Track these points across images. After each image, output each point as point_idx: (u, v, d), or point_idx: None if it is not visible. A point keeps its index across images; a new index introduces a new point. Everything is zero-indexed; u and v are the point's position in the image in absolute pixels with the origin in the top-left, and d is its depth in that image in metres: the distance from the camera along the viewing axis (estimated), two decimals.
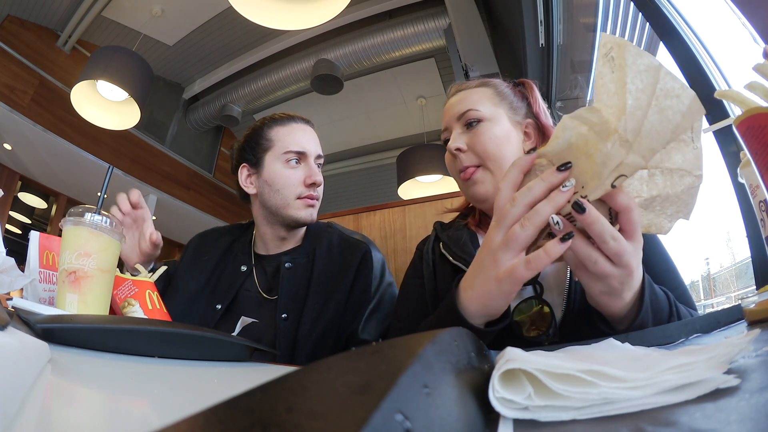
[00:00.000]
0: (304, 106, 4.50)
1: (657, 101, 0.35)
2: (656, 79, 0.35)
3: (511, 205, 0.42)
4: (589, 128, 0.37)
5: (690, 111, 0.36)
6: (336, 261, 0.97)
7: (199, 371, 0.47)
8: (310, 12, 1.65)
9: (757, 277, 0.85)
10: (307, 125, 1.03)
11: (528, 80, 0.83)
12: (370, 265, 0.95)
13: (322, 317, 0.90)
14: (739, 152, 0.48)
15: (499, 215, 0.43)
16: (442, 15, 3.35)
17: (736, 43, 0.89)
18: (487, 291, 0.45)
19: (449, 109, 0.78)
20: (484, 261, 0.45)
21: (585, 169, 0.38)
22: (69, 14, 3.72)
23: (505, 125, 0.74)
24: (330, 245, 1.00)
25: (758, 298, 0.36)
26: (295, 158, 0.96)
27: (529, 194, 0.41)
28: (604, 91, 0.37)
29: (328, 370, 0.14)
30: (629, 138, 0.36)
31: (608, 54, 0.37)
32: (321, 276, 0.94)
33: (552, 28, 2.02)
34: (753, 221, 0.83)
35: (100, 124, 2.87)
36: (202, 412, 0.11)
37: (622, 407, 0.18)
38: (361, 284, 0.94)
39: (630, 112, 0.35)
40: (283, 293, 0.93)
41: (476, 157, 0.72)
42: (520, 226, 0.41)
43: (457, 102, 0.77)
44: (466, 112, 0.74)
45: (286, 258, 0.97)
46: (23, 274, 0.62)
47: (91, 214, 0.67)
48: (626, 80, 0.35)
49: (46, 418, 0.23)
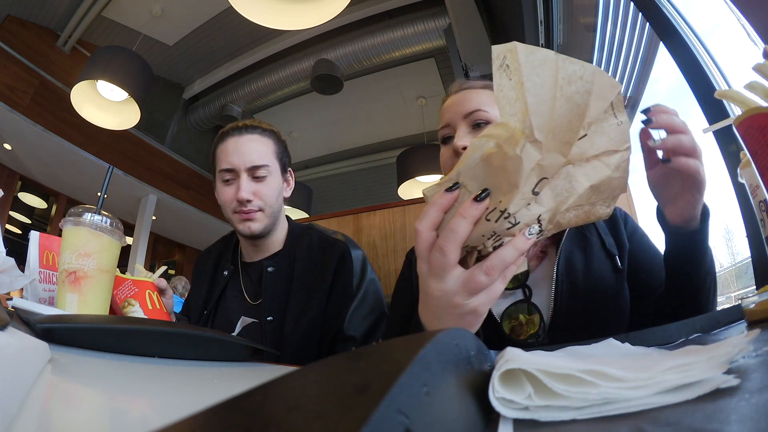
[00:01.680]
0: (304, 106, 4.50)
1: (561, 91, 0.33)
2: (555, 69, 0.33)
3: (441, 254, 0.39)
4: (497, 143, 0.35)
5: (599, 89, 0.34)
6: (316, 261, 0.98)
7: (199, 371, 0.47)
8: (310, 12, 1.65)
9: (757, 277, 0.85)
10: (243, 135, 0.96)
11: None
12: (349, 263, 0.96)
13: (304, 316, 0.92)
14: (739, 152, 0.48)
15: (430, 263, 0.40)
16: (442, 15, 3.35)
17: (736, 43, 0.89)
18: (456, 324, 0.41)
19: (453, 105, 0.75)
20: (443, 308, 0.41)
21: (500, 183, 0.36)
22: (69, 14, 3.72)
23: None
24: (310, 246, 1.01)
25: (758, 298, 0.36)
26: (227, 176, 0.95)
27: (455, 236, 0.38)
28: (506, 103, 0.34)
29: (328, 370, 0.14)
30: (538, 137, 0.33)
31: (502, 64, 0.34)
32: (301, 277, 0.96)
33: (552, 28, 2.02)
34: (753, 221, 0.83)
35: (100, 124, 2.87)
36: (202, 412, 0.11)
37: (622, 407, 0.18)
38: (341, 282, 0.94)
39: (533, 110, 0.33)
40: (266, 297, 0.95)
41: None
42: (441, 253, 0.39)
43: (464, 100, 0.75)
44: (475, 112, 0.72)
45: (268, 263, 0.99)
46: (23, 274, 0.62)
47: (91, 214, 0.67)
48: (523, 80, 0.33)
49: (46, 418, 0.23)
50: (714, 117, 0.95)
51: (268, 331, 0.93)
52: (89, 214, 0.67)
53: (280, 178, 0.98)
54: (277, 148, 0.99)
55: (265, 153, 0.96)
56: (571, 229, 0.70)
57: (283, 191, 1.00)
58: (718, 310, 0.46)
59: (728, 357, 0.20)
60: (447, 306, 0.40)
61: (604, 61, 2.10)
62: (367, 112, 4.71)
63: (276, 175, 0.97)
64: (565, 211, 0.38)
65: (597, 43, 2.09)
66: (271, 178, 0.95)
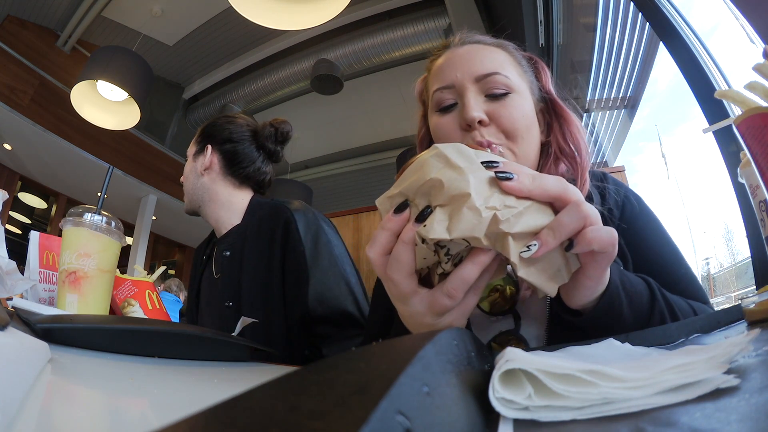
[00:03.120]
0: (304, 106, 4.50)
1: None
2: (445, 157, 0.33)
3: (393, 284, 0.36)
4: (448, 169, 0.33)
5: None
6: (263, 236, 0.89)
7: (199, 371, 0.47)
8: (310, 12, 1.65)
9: (757, 277, 0.85)
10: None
11: (537, 58, 0.66)
12: (295, 231, 0.85)
13: (259, 305, 0.85)
14: (739, 152, 0.48)
15: (389, 290, 0.37)
16: (442, 15, 3.35)
17: (736, 43, 0.89)
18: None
19: (459, 62, 0.57)
20: (415, 327, 0.39)
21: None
22: (69, 14, 3.72)
23: (531, 105, 0.58)
24: (260, 220, 0.93)
25: (758, 298, 0.36)
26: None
27: (400, 266, 0.35)
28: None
29: (328, 370, 0.14)
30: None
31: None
32: (250, 259, 0.89)
33: (552, 28, 2.02)
34: (753, 221, 0.83)
35: (100, 124, 2.87)
36: (202, 412, 0.11)
37: (622, 407, 0.18)
38: (292, 258, 0.84)
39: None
40: (223, 281, 0.93)
41: (502, 134, 0.55)
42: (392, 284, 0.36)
43: (475, 58, 0.57)
44: (492, 75, 0.55)
45: (223, 245, 0.96)
46: (23, 277, 0.62)
47: (91, 215, 0.67)
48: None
49: (46, 418, 0.23)
50: (714, 117, 0.95)
51: (226, 317, 0.87)
52: (89, 214, 0.67)
53: (192, 161, 1.03)
54: (200, 133, 1.05)
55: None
56: None
57: (196, 170, 1.01)
58: (718, 310, 0.45)
59: (728, 357, 0.20)
60: (419, 326, 0.37)
61: (604, 61, 2.10)
62: (367, 112, 4.71)
63: (192, 158, 1.04)
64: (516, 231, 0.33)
65: (597, 43, 2.09)
66: (189, 160, 1.04)
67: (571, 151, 0.60)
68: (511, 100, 0.55)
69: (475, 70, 0.56)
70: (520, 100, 0.56)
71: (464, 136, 0.56)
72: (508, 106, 0.55)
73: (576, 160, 0.59)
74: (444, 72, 0.58)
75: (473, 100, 0.55)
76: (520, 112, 0.55)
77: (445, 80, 0.58)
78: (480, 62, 0.56)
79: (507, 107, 0.55)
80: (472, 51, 0.59)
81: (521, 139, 0.55)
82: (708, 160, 0.52)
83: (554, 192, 0.33)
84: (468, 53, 0.58)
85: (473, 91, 0.55)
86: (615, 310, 0.40)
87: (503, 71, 0.56)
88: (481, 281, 0.35)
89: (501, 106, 0.55)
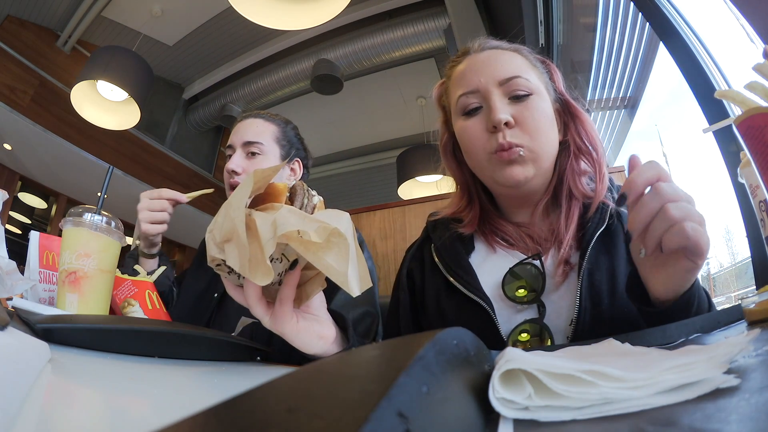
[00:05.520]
0: (304, 106, 4.50)
1: None
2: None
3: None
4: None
5: None
6: None
7: (199, 371, 0.47)
8: (310, 12, 1.65)
9: (757, 277, 0.85)
10: (248, 119, 1.05)
11: (549, 61, 0.70)
12: None
13: None
14: (739, 152, 0.48)
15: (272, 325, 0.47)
16: (442, 15, 3.35)
17: (736, 43, 0.89)
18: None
19: (483, 67, 0.60)
20: None
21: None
22: (69, 14, 3.72)
23: (550, 106, 0.62)
24: None
25: (758, 298, 0.36)
26: (229, 153, 1.04)
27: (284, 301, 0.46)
28: None
29: (328, 370, 0.14)
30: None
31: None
32: None
33: (552, 28, 2.02)
34: (753, 221, 0.83)
35: (100, 124, 2.87)
36: (202, 412, 0.11)
37: (622, 407, 0.18)
38: None
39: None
40: None
41: (525, 135, 0.57)
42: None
43: (497, 62, 0.60)
44: (514, 78, 0.58)
45: None
46: (23, 277, 0.62)
47: (91, 215, 0.67)
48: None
49: (46, 418, 0.23)
50: (714, 117, 0.95)
51: (257, 325, 0.87)
52: (89, 214, 0.67)
53: (277, 161, 1.01)
54: (279, 134, 1.03)
55: (260, 132, 1.01)
56: (600, 231, 0.59)
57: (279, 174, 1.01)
58: (718, 310, 0.45)
59: (728, 357, 0.20)
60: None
61: (604, 61, 2.10)
62: (367, 112, 4.71)
63: (270, 156, 1.00)
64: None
65: (597, 43, 2.09)
66: (263, 157, 0.99)
67: (587, 149, 0.64)
68: (533, 101, 0.59)
69: (498, 74, 0.59)
70: (541, 101, 0.60)
71: (489, 138, 0.59)
72: (530, 108, 0.58)
73: (593, 156, 0.64)
74: (467, 77, 0.61)
75: (499, 102, 0.58)
76: (541, 113, 0.59)
77: (469, 85, 0.60)
78: (502, 66, 0.59)
79: (530, 108, 0.58)
80: (493, 56, 0.62)
81: (544, 138, 0.59)
82: (708, 160, 0.53)
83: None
84: (489, 58, 0.61)
85: (498, 95, 0.58)
86: (690, 307, 0.44)
87: (524, 74, 0.59)
88: (285, 296, 0.46)
89: (524, 108, 0.58)
